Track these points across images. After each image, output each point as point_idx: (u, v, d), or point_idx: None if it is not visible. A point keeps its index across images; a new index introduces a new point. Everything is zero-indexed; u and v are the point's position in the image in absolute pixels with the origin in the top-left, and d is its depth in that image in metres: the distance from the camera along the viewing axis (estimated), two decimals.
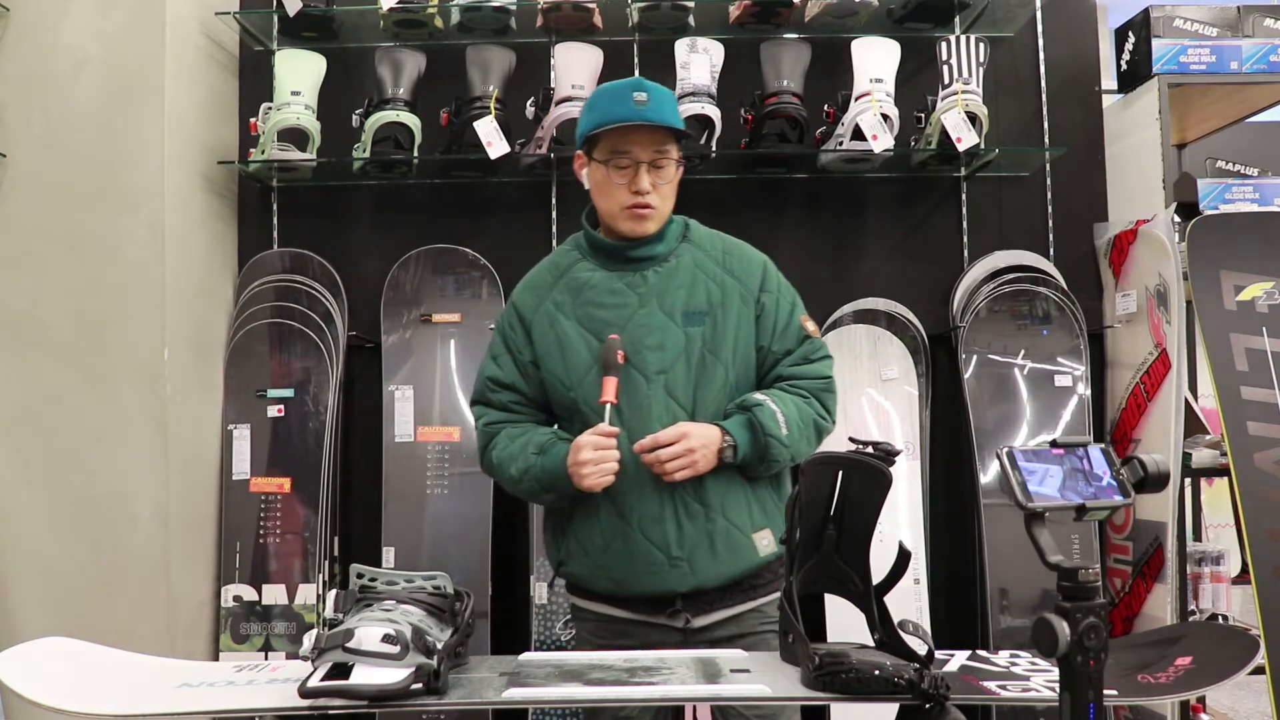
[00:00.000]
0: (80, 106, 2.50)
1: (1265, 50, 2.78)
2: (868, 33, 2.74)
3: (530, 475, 1.76)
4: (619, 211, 1.80)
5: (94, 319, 2.49)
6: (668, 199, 1.83)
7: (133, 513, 2.47)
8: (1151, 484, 1.20)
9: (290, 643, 2.60)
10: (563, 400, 1.80)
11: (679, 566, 1.73)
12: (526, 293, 1.89)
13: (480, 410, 1.89)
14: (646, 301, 1.79)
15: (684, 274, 1.81)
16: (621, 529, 1.74)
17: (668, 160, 1.80)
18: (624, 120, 1.75)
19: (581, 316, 1.80)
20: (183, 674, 1.40)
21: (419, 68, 2.72)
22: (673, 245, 1.84)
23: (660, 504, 1.73)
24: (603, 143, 1.79)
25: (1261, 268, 2.58)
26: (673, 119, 1.80)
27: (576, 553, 1.80)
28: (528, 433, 1.82)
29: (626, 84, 1.82)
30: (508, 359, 1.86)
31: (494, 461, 1.83)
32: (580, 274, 1.84)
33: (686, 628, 1.75)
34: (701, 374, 1.76)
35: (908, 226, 2.94)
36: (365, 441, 2.81)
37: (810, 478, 1.40)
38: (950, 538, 2.82)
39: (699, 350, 1.77)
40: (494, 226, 2.91)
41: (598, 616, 1.83)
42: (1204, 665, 1.33)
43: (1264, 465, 2.45)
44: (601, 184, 1.82)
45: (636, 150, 1.77)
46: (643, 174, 1.77)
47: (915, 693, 1.24)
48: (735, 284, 1.82)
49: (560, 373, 1.80)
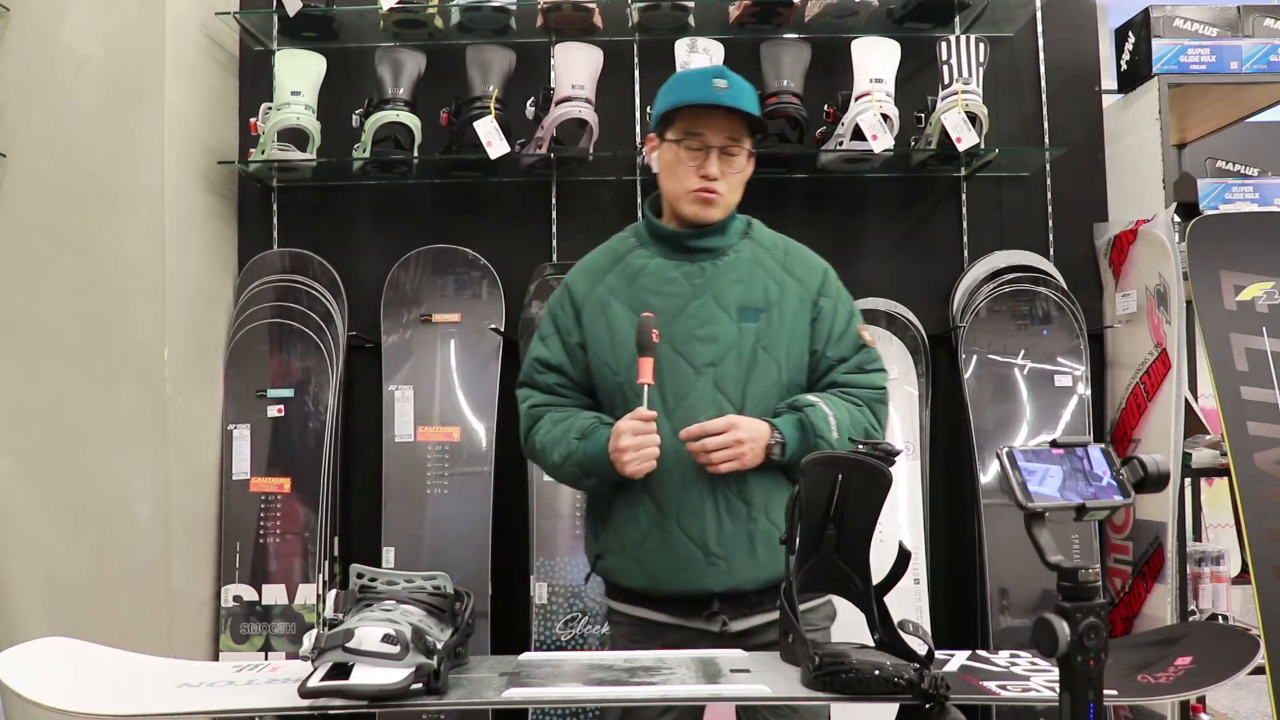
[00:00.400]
0: (80, 106, 2.50)
1: (1265, 50, 2.78)
2: (868, 33, 2.74)
3: (572, 461, 1.74)
4: (685, 194, 1.78)
5: (94, 319, 2.49)
6: (735, 190, 1.80)
7: (133, 513, 2.47)
8: (1151, 484, 1.20)
9: (290, 643, 2.60)
10: (608, 385, 1.78)
11: (716, 565, 1.69)
12: (581, 275, 1.86)
13: (526, 393, 1.87)
14: (701, 292, 1.76)
15: (742, 268, 1.79)
16: (660, 522, 1.71)
17: (739, 150, 1.78)
18: (700, 100, 1.74)
19: (634, 302, 1.77)
20: (183, 674, 1.40)
21: (419, 68, 2.72)
22: (733, 240, 1.82)
23: (702, 499, 1.70)
24: (677, 123, 1.77)
25: (1261, 268, 2.58)
26: (750, 106, 1.77)
27: (614, 546, 1.77)
28: (570, 417, 1.79)
29: (709, 70, 1.81)
30: (556, 341, 1.84)
31: (537, 446, 1.81)
32: (637, 260, 1.82)
33: (724, 631, 1.70)
34: (753, 370, 1.73)
35: (908, 226, 2.94)
36: (365, 441, 2.81)
37: (810, 478, 1.40)
38: (950, 538, 2.82)
39: (751, 346, 1.74)
40: (494, 226, 2.91)
41: (632, 620, 1.80)
42: (1204, 665, 1.33)
43: (1264, 465, 2.45)
44: (671, 165, 1.80)
45: (710, 134, 1.75)
46: (713, 159, 1.75)
47: (915, 693, 1.24)
48: (794, 284, 1.80)
49: (608, 357, 1.77)
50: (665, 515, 1.71)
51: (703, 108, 1.75)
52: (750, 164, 1.84)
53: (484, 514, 2.69)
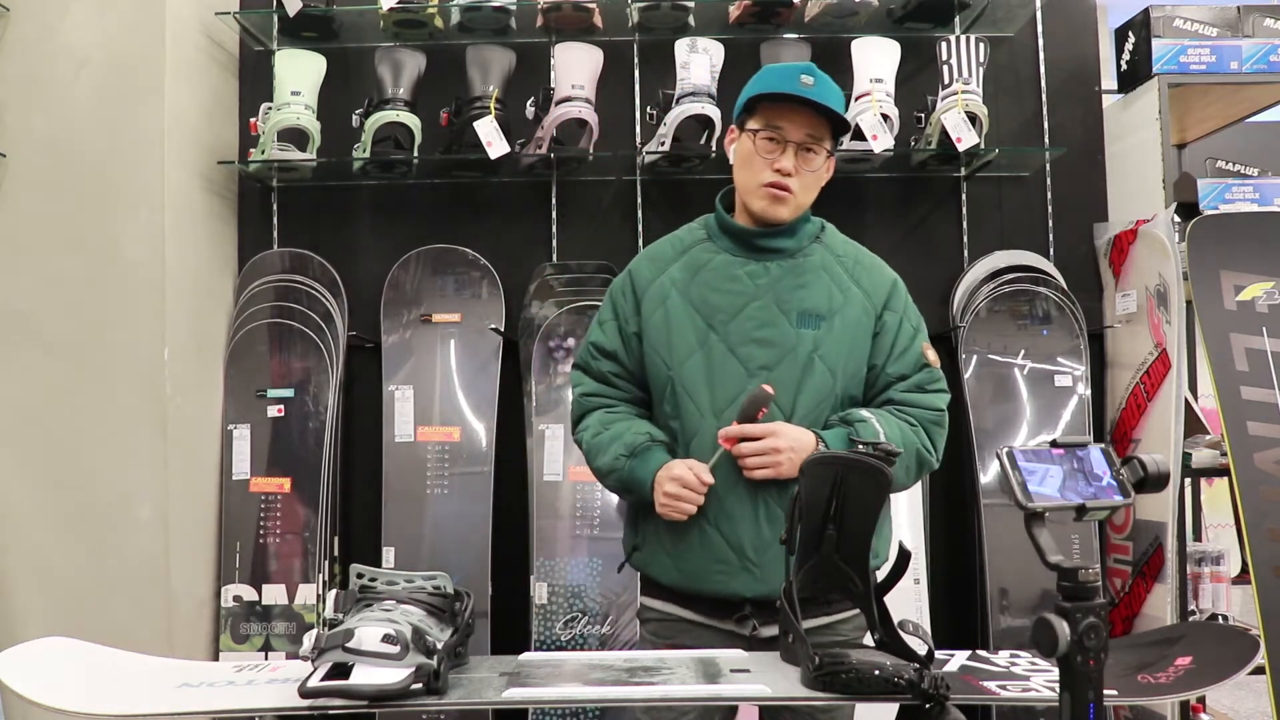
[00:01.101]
0: (80, 106, 2.50)
1: (1265, 50, 2.78)
2: (868, 33, 2.74)
3: (615, 475, 1.73)
4: (757, 188, 1.74)
5: (94, 319, 2.49)
6: (809, 189, 1.77)
7: (133, 513, 2.47)
8: (1151, 484, 1.20)
9: (290, 643, 2.60)
10: (659, 379, 1.76)
11: (750, 570, 1.67)
12: (645, 263, 1.83)
13: (578, 377, 1.85)
14: (763, 294, 1.73)
15: (808, 273, 1.75)
16: (698, 522, 1.68)
17: (819, 148, 1.74)
18: (784, 91, 1.71)
19: (694, 297, 1.75)
20: (183, 674, 1.39)
21: (419, 68, 2.72)
22: (803, 243, 1.78)
23: (742, 504, 1.68)
24: (758, 114, 1.74)
25: (1261, 268, 2.58)
26: (834, 104, 1.72)
27: (651, 539, 1.75)
28: (622, 420, 1.77)
29: (798, 65, 1.77)
30: (613, 326, 1.81)
31: (584, 446, 1.80)
32: (702, 254, 1.78)
33: (753, 635, 1.67)
34: (806, 378, 1.69)
35: (908, 226, 2.94)
36: (365, 441, 2.81)
37: (810, 478, 1.40)
38: (950, 538, 2.82)
39: (808, 353, 1.70)
40: (494, 226, 2.91)
41: (661, 616, 1.78)
42: (1204, 665, 1.33)
43: (1264, 465, 2.45)
44: (746, 156, 1.76)
45: (789, 128, 1.71)
46: (789, 153, 1.72)
47: (915, 693, 1.24)
48: (860, 294, 1.76)
49: (663, 350, 1.75)
50: (704, 516, 1.68)
51: (786, 102, 1.71)
52: (829, 167, 1.80)
53: (484, 514, 2.69)
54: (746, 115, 1.77)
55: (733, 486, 1.68)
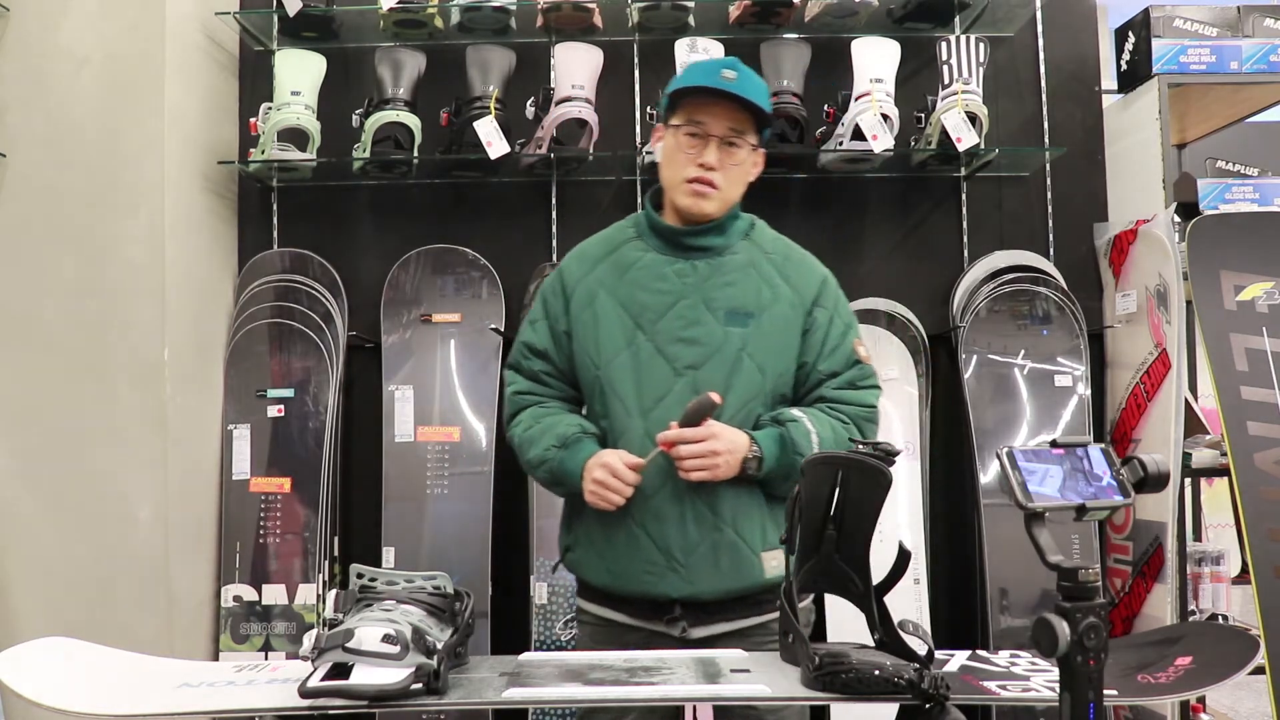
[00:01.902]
0: (80, 106, 2.50)
1: (1265, 50, 2.78)
2: (868, 33, 2.74)
3: (546, 466, 1.74)
4: (680, 184, 1.74)
5: (94, 319, 2.48)
6: (734, 184, 1.76)
7: (133, 513, 2.47)
8: (1151, 484, 1.20)
9: (290, 643, 2.60)
10: (588, 378, 1.76)
11: (677, 571, 1.68)
12: (574, 261, 1.84)
13: (511, 376, 1.86)
14: (691, 293, 1.73)
15: (736, 271, 1.75)
16: (627, 524, 1.70)
17: (742, 142, 1.73)
18: (705, 85, 1.71)
19: (622, 296, 1.75)
20: (183, 674, 1.40)
21: (419, 68, 2.72)
22: (732, 240, 1.78)
23: (670, 505, 1.68)
24: (680, 110, 1.74)
25: (1261, 268, 2.58)
26: (757, 98, 1.73)
27: (583, 541, 1.77)
28: (552, 415, 1.78)
29: (720, 60, 1.77)
30: (544, 325, 1.82)
31: (516, 440, 1.81)
32: (631, 253, 1.79)
33: (684, 637, 1.69)
34: (735, 376, 1.69)
35: (908, 226, 2.94)
36: (365, 441, 2.81)
37: (810, 478, 1.40)
38: (950, 538, 2.82)
39: (736, 351, 1.70)
40: (494, 226, 2.91)
41: (596, 620, 1.79)
42: (1204, 665, 1.33)
43: (1264, 465, 2.45)
44: (670, 152, 1.76)
45: (711, 123, 1.71)
46: (712, 148, 1.72)
47: (915, 693, 1.24)
48: (789, 291, 1.75)
49: (591, 349, 1.75)
50: (633, 519, 1.69)
51: (707, 96, 1.71)
52: (756, 161, 1.80)
53: (484, 514, 2.69)
54: (670, 112, 1.77)
55: (660, 488, 1.68)
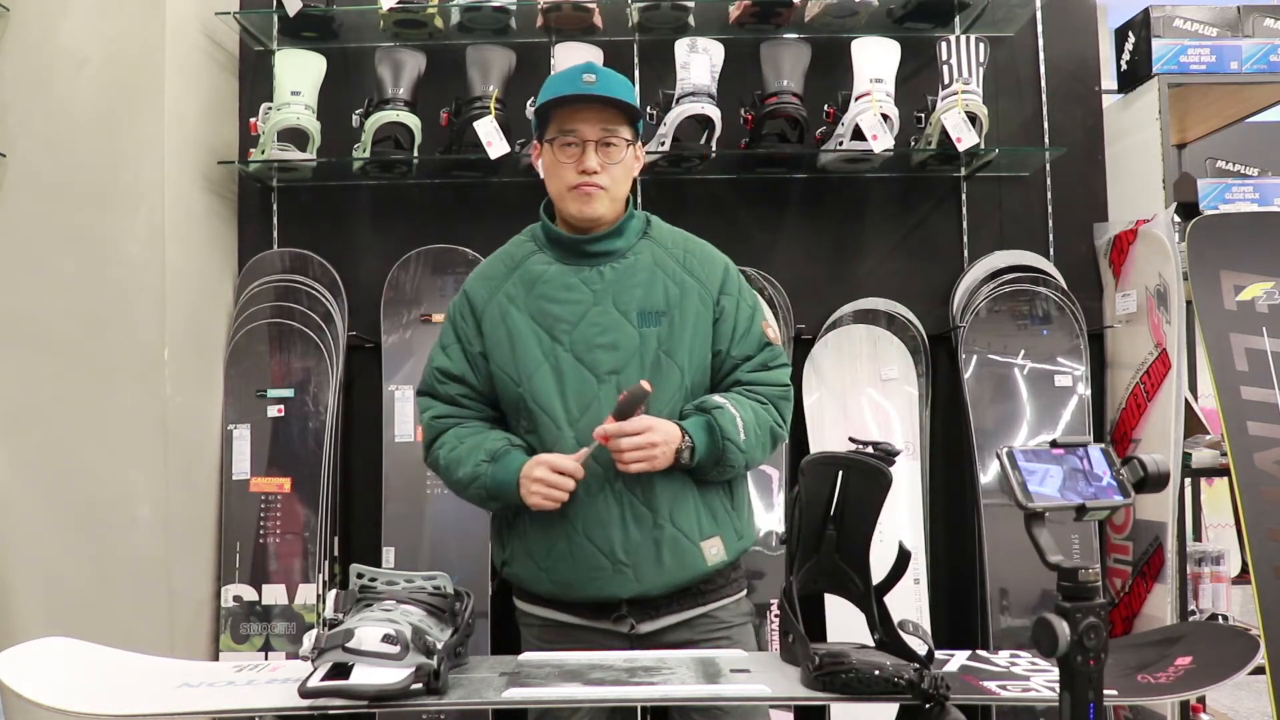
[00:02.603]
0: (80, 106, 2.50)
1: (1265, 50, 2.78)
2: (868, 33, 2.74)
3: (479, 483, 1.72)
4: (566, 192, 1.75)
5: (94, 319, 2.48)
6: (619, 182, 1.77)
7: (133, 513, 2.47)
8: (1151, 484, 1.20)
9: (290, 643, 2.60)
10: (510, 396, 1.76)
11: (623, 572, 1.69)
12: (479, 282, 1.84)
13: (426, 402, 1.84)
14: (602, 299, 1.74)
15: (642, 272, 1.77)
16: (566, 531, 1.70)
17: (617, 140, 1.75)
18: (567, 93, 1.73)
19: (534, 311, 1.76)
20: (183, 674, 1.40)
21: (419, 68, 2.72)
22: (632, 241, 1.80)
23: (608, 508, 1.69)
24: (552, 123, 1.76)
25: (1261, 268, 2.58)
26: (619, 93, 1.75)
27: (520, 554, 1.76)
28: (477, 434, 1.77)
29: (578, 67, 1.79)
30: (457, 349, 1.81)
31: (440, 462, 1.79)
32: (535, 267, 1.79)
33: (632, 633, 1.71)
34: (655, 376, 1.71)
35: (908, 226, 2.94)
36: (365, 441, 2.81)
37: (810, 478, 1.40)
38: (950, 538, 2.82)
39: (654, 351, 1.72)
40: (494, 226, 2.87)
41: (543, 621, 1.80)
42: (1204, 665, 1.33)
43: (1264, 465, 2.45)
44: (550, 166, 1.78)
45: (583, 128, 1.73)
46: (590, 153, 1.73)
47: (915, 693, 1.24)
48: (695, 284, 1.77)
49: (509, 367, 1.75)
50: (571, 525, 1.70)
51: (573, 104, 1.74)
52: (635, 156, 1.81)
53: (484, 514, 2.66)
54: (542, 129, 1.79)
55: (596, 494, 1.70)
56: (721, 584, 1.77)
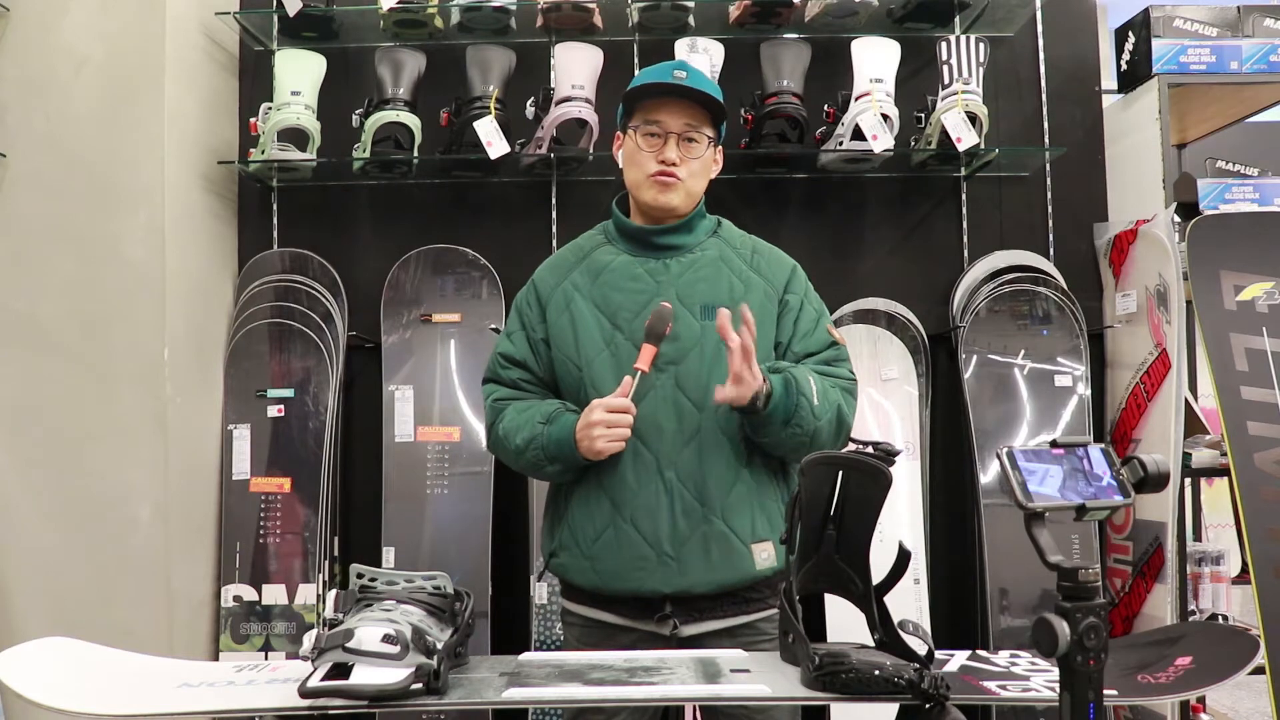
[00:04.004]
0: (80, 106, 2.50)
1: (1265, 50, 2.78)
2: (868, 33, 2.74)
3: (535, 445, 1.73)
4: (644, 180, 1.78)
5: (94, 319, 2.49)
6: (697, 176, 1.80)
7: (133, 513, 2.47)
8: (1151, 484, 1.20)
9: (290, 643, 2.60)
10: (571, 381, 1.78)
11: (668, 565, 1.68)
12: (547, 271, 1.88)
13: (490, 388, 1.87)
14: (665, 290, 1.76)
15: (707, 266, 1.79)
16: (614, 519, 1.70)
17: (699, 136, 1.78)
18: (657, 81, 1.76)
19: (598, 298, 1.78)
20: (183, 674, 1.40)
21: (419, 68, 2.72)
22: (700, 238, 1.83)
23: (658, 497, 1.69)
24: (637, 113, 1.79)
25: (1261, 268, 2.58)
26: (707, 88, 1.77)
27: (569, 543, 1.76)
28: (535, 405, 1.79)
29: (671, 63, 1.83)
30: (521, 336, 1.84)
31: (500, 435, 1.80)
32: (603, 257, 1.83)
33: (674, 634, 1.69)
34: (715, 368, 1.70)
35: (908, 226, 2.94)
36: (365, 441, 2.81)
37: (810, 478, 1.40)
38: (950, 538, 2.82)
39: (715, 344, 1.70)
40: (494, 226, 2.91)
41: (584, 621, 1.79)
42: (1204, 665, 1.33)
43: (1264, 465, 2.45)
44: (631, 154, 1.81)
45: (668, 120, 1.76)
46: (671, 144, 1.76)
47: (915, 693, 1.24)
48: (760, 281, 1.80)
49: (571, 352, 1.77)
50: (619, 513, 1.70)
51: (662, 95, 1.77)
52: (715, 157, 1.84)
53: (484, 514, 2.69)
54: (627, 118, 1.82)
55: (647, 483, 1.70)
56: (768, 594, 1.74)
